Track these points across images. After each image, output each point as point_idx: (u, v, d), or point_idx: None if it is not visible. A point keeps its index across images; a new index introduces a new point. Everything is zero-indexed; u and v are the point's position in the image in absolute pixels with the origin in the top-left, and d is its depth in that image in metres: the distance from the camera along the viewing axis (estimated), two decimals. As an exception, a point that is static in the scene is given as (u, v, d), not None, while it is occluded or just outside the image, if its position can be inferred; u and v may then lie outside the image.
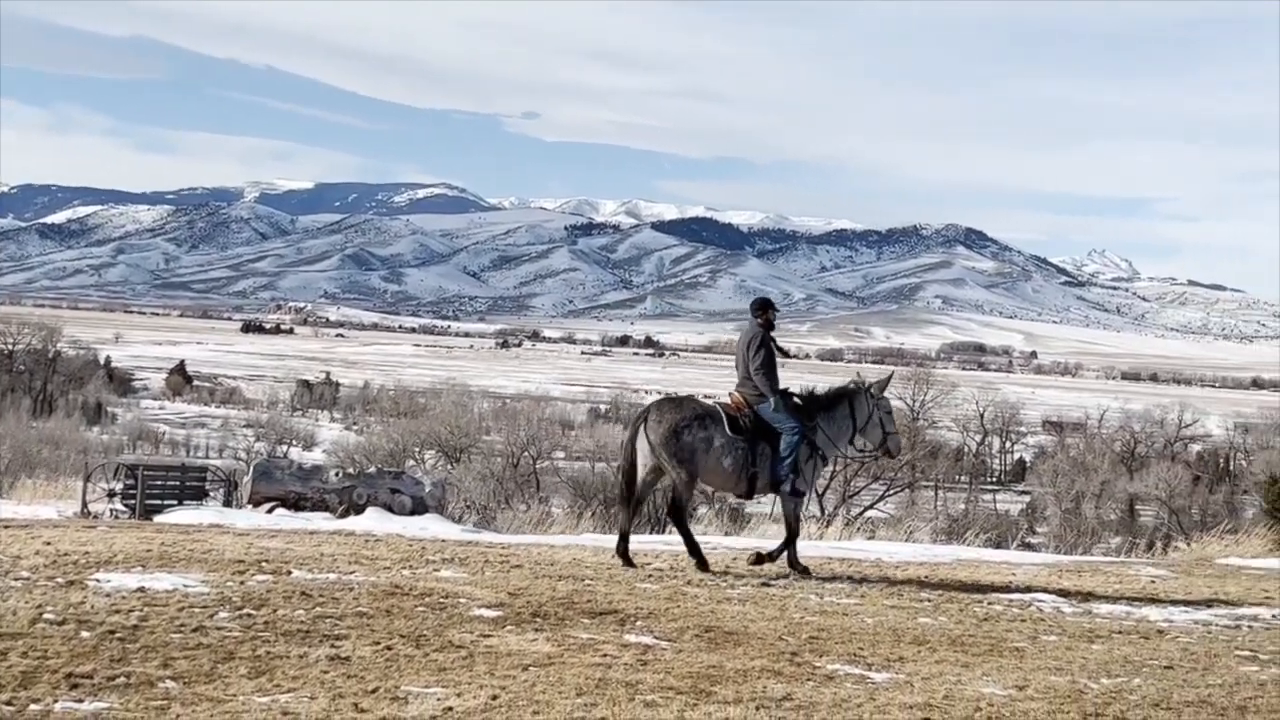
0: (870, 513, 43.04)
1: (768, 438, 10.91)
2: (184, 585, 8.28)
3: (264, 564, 9.50)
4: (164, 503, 16.12)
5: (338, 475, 17.02)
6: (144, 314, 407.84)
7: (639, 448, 10.99)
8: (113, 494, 16.43)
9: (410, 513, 16.12)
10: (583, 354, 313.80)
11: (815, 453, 11.08)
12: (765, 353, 11.00)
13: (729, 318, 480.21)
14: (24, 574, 8.38)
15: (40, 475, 29.53)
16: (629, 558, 10.97)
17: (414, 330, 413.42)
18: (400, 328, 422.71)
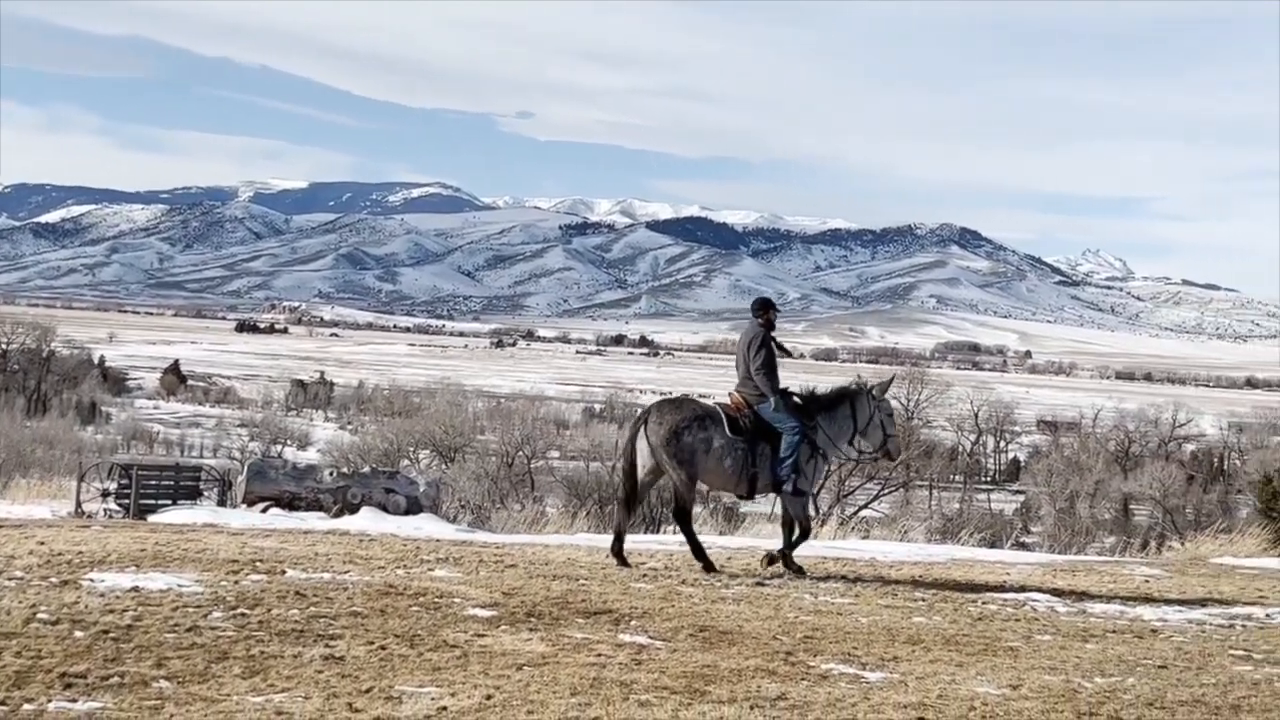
0: (865, 512, 43.11)
1: (768, 438, 10.92)
2: (178, 585, 8.27)
3: (258, 564, 9.49)
4: (158, 502, 16.14)
5: (332, 475, 17.02)
6: (138, 313, 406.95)
7: (639, 449, 11.02)
8: (107, 494, 16.44)
9: (405, 512, 16.12)
10: (577, 353, 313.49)
11: (816, 452, 11.09)
12: (766, 353, 11.02)
13: (724, 317, 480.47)
14: (18, 574, 8.37)
15: (34, 475, 29.54)
16: (623, 557, 10.99)
17: (409, 330, 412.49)
18: (395, 327, 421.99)
